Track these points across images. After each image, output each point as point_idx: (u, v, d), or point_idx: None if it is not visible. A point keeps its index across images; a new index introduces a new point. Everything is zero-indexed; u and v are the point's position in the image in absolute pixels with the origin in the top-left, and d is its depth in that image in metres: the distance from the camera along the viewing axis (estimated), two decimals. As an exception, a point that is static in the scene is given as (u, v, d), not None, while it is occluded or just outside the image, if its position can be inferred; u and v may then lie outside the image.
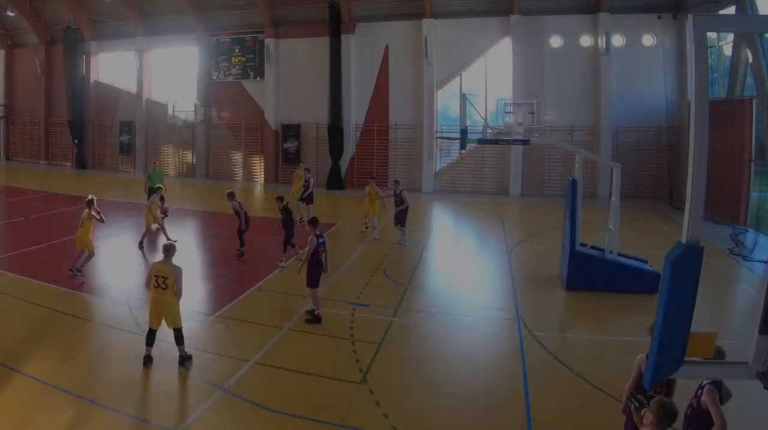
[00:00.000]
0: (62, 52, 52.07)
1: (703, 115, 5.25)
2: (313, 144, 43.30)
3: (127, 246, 24.38)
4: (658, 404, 6.76)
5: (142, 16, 47.86)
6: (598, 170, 36.18)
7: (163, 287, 12.34)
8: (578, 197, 18.33)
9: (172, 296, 12.38)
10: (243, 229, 21.86)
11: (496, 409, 11.01)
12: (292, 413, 10.67)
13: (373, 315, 16.15)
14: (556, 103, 36.94)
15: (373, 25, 41.04)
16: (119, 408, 10.58)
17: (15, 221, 29.22)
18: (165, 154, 49.37)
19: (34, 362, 12.51)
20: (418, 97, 40.02)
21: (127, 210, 28.99)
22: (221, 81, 46.10)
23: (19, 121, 57.25)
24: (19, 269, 19.72)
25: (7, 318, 15.22)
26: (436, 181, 40.40)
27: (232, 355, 13.07)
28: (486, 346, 14.67)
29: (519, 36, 37.59)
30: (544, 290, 18.74)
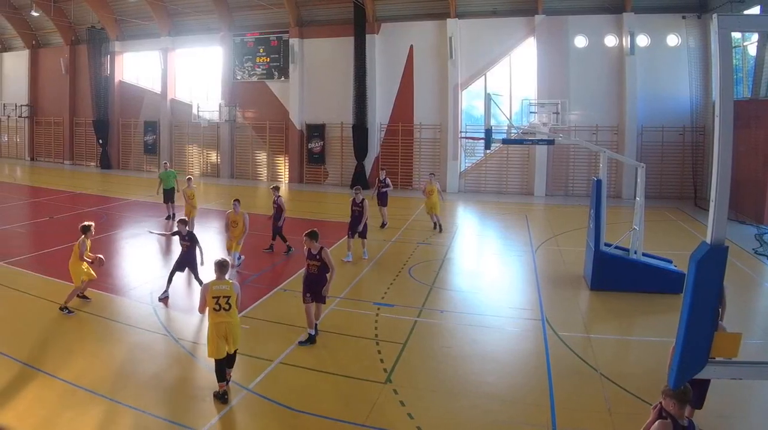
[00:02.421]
0: (87, 52, 53.38)
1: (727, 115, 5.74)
2: (338, 144, 44.01)
3: (150, 246, 24.94)
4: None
5: (167, 15, 48.89)
6: (622, 170, 36.75)
7: (226, 309, 11.21)
8: (603, 197, 18.53)
9: (236, 315, 11.40)
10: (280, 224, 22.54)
11: (521, 409, 11.04)
12: (316, 413, 10.74)
13: (397, 315, 16.24)
14: (581, 103, 37.54)
15: (397, 25, 41.72)
16: (144, 408, 10.69)
17: (40, 220, 29.75)
18: (189, 154, 50.51)
19: (59, 362, 12.58)
20: (442, 97, 40.67)
21: (150, 210, 29.48)
22: (246, 81, 46.97)
23: (43, 122, 58.52)
24: (44, 268, 20.06)
25: (32, 318, 15.44)
26: (461, 181, 41.08)
27: (257, 355, 13.01)
28: (511, 346, 14.67)
29: (544, 36, 38.11)
30: (568, 289, 18.78)
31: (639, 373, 12.47)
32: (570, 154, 38.51)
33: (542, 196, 38.57)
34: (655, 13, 36.00)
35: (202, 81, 49.57)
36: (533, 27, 38.27)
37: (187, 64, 50.38)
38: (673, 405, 7.06)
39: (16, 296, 17.11)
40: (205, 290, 11.35)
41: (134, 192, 38.16)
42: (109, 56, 52.61)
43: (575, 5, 37.83)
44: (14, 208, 33.25)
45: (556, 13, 37.89)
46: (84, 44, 53.92)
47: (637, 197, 18.55)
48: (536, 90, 38.13)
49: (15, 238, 25.74)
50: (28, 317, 15.45)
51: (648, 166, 19.62)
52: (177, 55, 50.16)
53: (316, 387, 11.83)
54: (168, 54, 49.66)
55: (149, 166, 50.84)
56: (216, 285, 11.28)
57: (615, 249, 18.70)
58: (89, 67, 52.99)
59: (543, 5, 37.82)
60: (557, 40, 37.99)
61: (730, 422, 10.60)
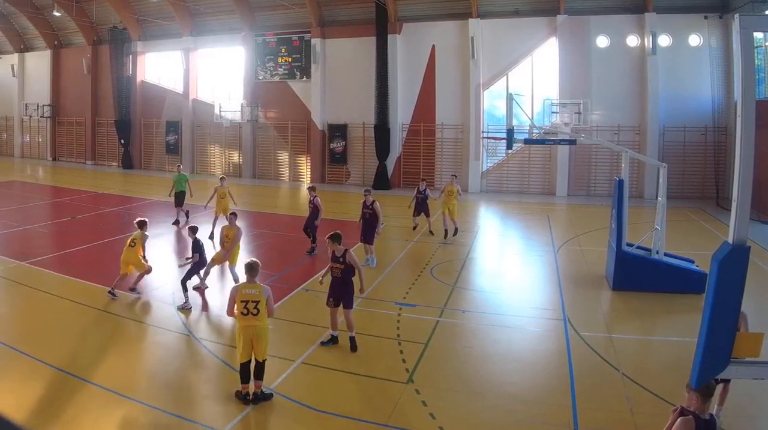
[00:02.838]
0: (109, 52, 54.30)
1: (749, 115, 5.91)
2: (360, 144, 44.60)
3: (172, 246, 25.46)
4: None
5: (189, 15, 49.76)
6: (644, 170, 37.10)
7: (254, 313, 11.04)
8: (625, 197, 18.72)
9: (265, 320, 11.18)
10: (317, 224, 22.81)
11: (543, 409, 11.12)
12: (338, 412, 10.86)
13: (419, 315, 16.39)
14: (603, 103, 38.04)
15: (419, 25, 42.25)
16: (167, 408, 10.82)
17: (62, 220, 30.25)
18: (211, 154, 51.38)
19: (82, 362, 12.70)
20: (464, 97, 41.20)
21: (172, 210, 29.71)
22: (268, 81, 47.68)
23: (65, 122, 59.62)
24: (66, 268, 20.39)
25: (55, 318, 15.61)
26: (483, 181, 41.58)
27: (279, 355, 12.94)
28: (532, 346, 14.77)
29: (565, 36, 38.59)
30: (590, 290, 18.93)
31: (661, 373, 12.67)
32: (592, 154, 38.92)
33: (564, 196, 38.97)
34: (676, 13, 36.34)
35: (224, 81, 50.29)
36: (555, 27, 38.73)
37: (208, 64, 51.16)
38: (696, 399, 7.22)
39: (38, 296, 17.44)
40: (234, 293, 11.26)
41: (156, 192, 38.71)
42: (131, 56, 53.51)
43: (597, 5, 38.24)
44: (36, 209, 33.82)
45: (578, 13, 38.29)
46: (106, 44, 54.81)
47: (659, 197, 18.70)
48: (558, 90, 38.65)
49: (37, 238, 26.28)
50: (50, 317, 15.71)
51: (670, 166, 19.93)
52: (199, 55, 50.93)
53: (338, 387, 12.01)
54: (190, 54, 50.43)
55: (171, 166, 51.29)
56: (245, 288, 11.20)
57: (637, 249, 18.83)
58: (111, 67, 53.85)
59: (565, 5, 38.26)
60: (579, 40, 38.39)
61: (755, 422, 10.78)
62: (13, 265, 20.58)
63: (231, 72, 49.64)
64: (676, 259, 18.87)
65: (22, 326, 15.09)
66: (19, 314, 16.11)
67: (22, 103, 60.69)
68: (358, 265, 13.66)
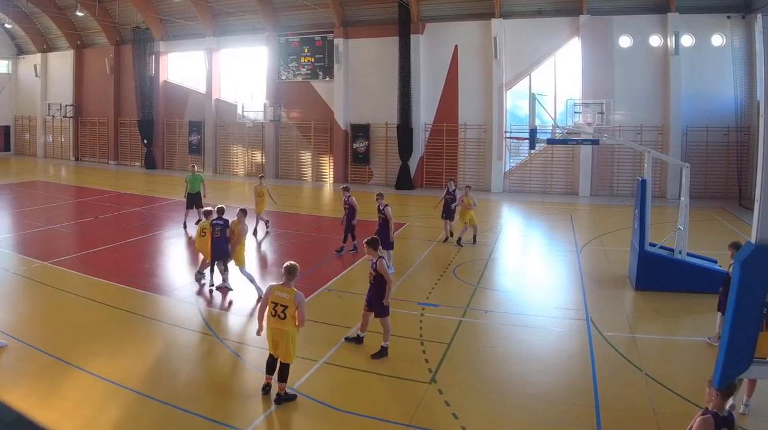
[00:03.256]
0: (131, 52, 55.26)
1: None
2: (383, 144, 45.25)
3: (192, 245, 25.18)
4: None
5: (212, 15, 50.59)
6: (667, 170, 37.48)
7: (281, 317, 11.24)
8: (648, 197, 18.93)
9: (291, 326, 11.26)
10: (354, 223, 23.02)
11: (566, 409, 11.26)
12: (361, 412, 11.02)
13: (442, 315, 16.60)
14: (626, 103, 38.51)
15: (442, 25, 42.88)
16: (189, 407, 11.03)
17: (85, 220, 30.78)
18: (234, 154, 52.23)
19: (105, 361, 12.93)
20: (487, 97, 41.74)
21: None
22: (290, 81, 48.44)
23: (88, 122, 60.71)
24: (89, 268, 20.71)
25: (77, 318, 15.87)
26: (506, 181, 42.11)
27: (302, 355, 12.83)
28: (555, 346, 14.89)
29: (588, 36, 39.03)
30: (613, 290, 19.14)
31: (684, 373, 12.90)
32: (615, 154, 39.38)
33: (587, 196, 39.41)
34: (699, 13, 36.74)
35: (246, 81, 51.03)
36: (578, 27, 39.19)
37: (231, 64, 51.90)
38: (715, 396, 7.32)
39: (61, 296, 17.81)
40: (267, 292, 11.55)
41: (179, 192, 37.59)
42: (153, 56, 54.39)
43: (620, 5, 38.71)
44: (59, 209, 34.37)
45: (601, 13, 38.74)
46: (129, 44, 55.77)
47: (682, 197, 19.04)
48: (581, 90, 39.09)
49: (60, 238, 26.72)
50: (72, 316, 16.02)
51: (693, 166, 20.30)
52: (222, 55, 51.73)
53: (361, 387, 12.20)
54: (213, 54, 51.23)
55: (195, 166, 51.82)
56: (278, 290, 11.38)
57: (660, 249, 19.06)
58: (134, 67, 54.78)
59: (587, 5, 38.73)
60: (602, 40, 38.84)
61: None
62: (37, 265, 21.00)
63: (254, 72, 50.37)
64: (699, 259, 19.06)
65: (44, 325, 15.33)
66: (42, 314, 16.36)
67: (45, 103, 61.82)
68: (387, 275, 13.49)
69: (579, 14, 38.99)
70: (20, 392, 11.37)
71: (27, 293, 18.26)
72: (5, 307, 16.37)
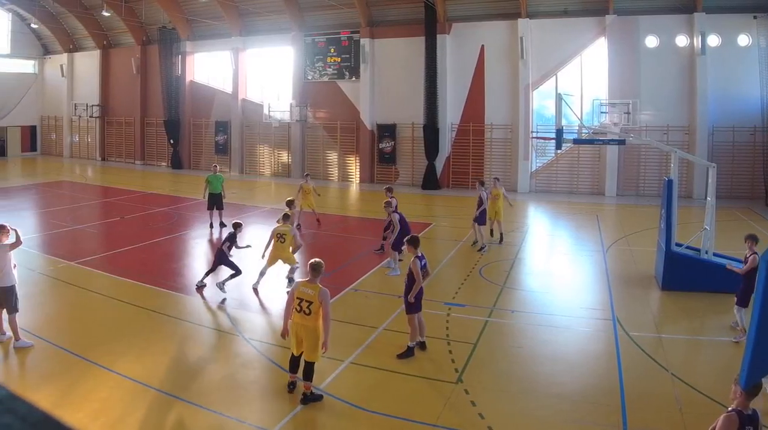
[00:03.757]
0: (158, 52, 57.29)
1: None
2: (409, 144, 46.65)
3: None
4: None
5: (238, 15, 52.47)
6: (693, 170, 38.51)
7: (306, 313, 11.59)
8: (674, 197, 19.42)
9: (316, 322, 11.60)
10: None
11: (592, 409, 11.50)
12: (387, 412, 11.27)
13: (468, 315, 16.89)
14: (652, 103, 39.61)
15: (468, 25, 44.21)
16: (214, 407, 11.34)
17: (111, 220, 31.64)
18: (260, 154, 54.08)
19: (130, 361, 13.25)
20: (513, 97, 43.03)
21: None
22: (317, 81, 50.06)
23: (114, 122, 62.91)
24: (115, 268, 21.23)
25: (103, 318, 16.31)
26: (532, 181, 43.34)
27: (328, 355, 12.89)
28: (581, 346, 15.18)
29: (615, 36, 40.23)
30: (639, 290, 19.46)
31: (710, 373, 13.32)
32: (641, 154, 40.46)
33: (613, 196, 40.32)
34: (725, 13, 37.64)
35: (273, 81, 52.78)
36: (604, 27, 40.36)
37: (258, 64, 53.67)
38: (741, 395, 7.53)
39: (87, 296, 18.31)
40: (293, 288, 12.08)
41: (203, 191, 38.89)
42: (180, 56, 56.32)
43: (646, 5, 39.79)
44: (86, 209, 35.53)
45: (627, 12, 39.85)
46: (155, 44, 57.90)
47: (708, 197, 19.43)
48: (607, 90, 40.18)
49: (86, 238, 27.60)
50: (98, 316, 16.49)
51: (719, 166, 21.07)
52: (248, 55, 53.55)
53: (387, 387, 12.46)
54: (239, 54, 53.05)
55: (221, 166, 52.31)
56: (303, 286, 11.81)
57: (686, 249, 19.53)
58: (160, 67, 56.78)
59: (614, 5, 39.84)
60: (628, 40, 39.95)
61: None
62: (63, 265, 21.59)
63: (280, 72, 52.00)
64: (725, 259, 18.95)
65: (71, 325, 15.81)
66: (68, 314, 16.86)
67: (71, 103, 64.06)
68: (417, 276, 13.81)
69: (605, 14, 40.07)
70: (46, 391, 11.79)
71: (53, 293, 18.81)
72: (32, 307, 16.62)
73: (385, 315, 16.48)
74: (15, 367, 13.42)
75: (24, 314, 14.72)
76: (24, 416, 1.29)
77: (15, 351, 13.75)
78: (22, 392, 2.75)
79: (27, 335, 14.30)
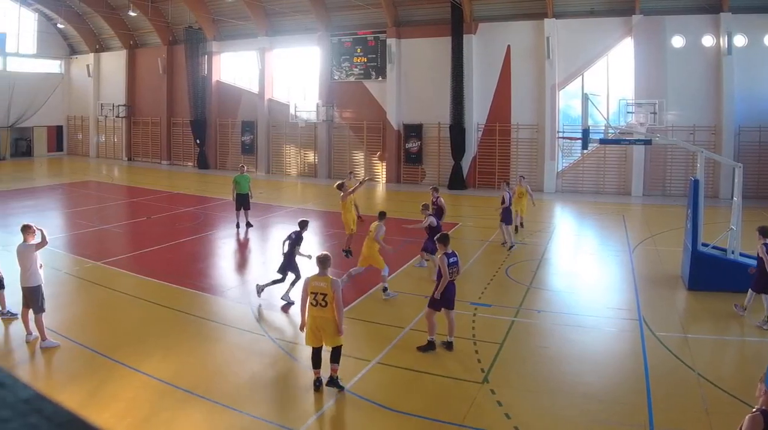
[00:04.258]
0: (184, 51, 59.11)
1: None
2: (435, 144, 48.15)
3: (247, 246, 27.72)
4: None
5: (264, 15, 54.25)
6: (720, 170, 39.50)
7: (322, 305, 12.19)
8: (700, 197, 19.79)
9: (333, 313, 12.23)
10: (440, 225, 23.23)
11: (618, 409, 11.71)
12: (413, 412, 11.49)
13: (494, 315, 17.27)
14: (678, 103, 40.69)
15: (494, 25, 45.58)
16: (241, 408, 11.57)
17: (138, 220, 32.73)
18: (287, 154, 55.99)
19: (157, 361, 13.60)
20: (539, 97, 44.38)
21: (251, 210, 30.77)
22: (343, 81, 51.75)
23: (141, 122, 65.02)
24: (142, 268, 21.81)
25: (129, 318, 16.74)
26: (558, 181, 44.67)
27: (355, 355, 13.72)
28: (608, 346, 15.54)
29: (641, 36, 41.43)
30: (665, 290, 19.95)
31: (736, 373, 13.68)
32: (667, 154, 41.57)
33: (639, 196, 41.35)
34: (752, 12, 38.61)
35: (299, 81, 54.54)
36: (630, 27, 41.56)
37: (284, 64, 55.45)
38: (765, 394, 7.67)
39: (113, 296, 18.80)
40: (305, 284, 12.60)
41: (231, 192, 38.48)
42: (206, 56, 58.15)
43: (672, 5, 40.92)
44: (112, 209, 36.79)
45: (654, 12, 40.99)
46: (181, 44, 59.83)
47: (735, 197, 19.96)
48: (633, 90, 41.26)
49: (113, 238, 28.56)
50: (125, 316, 16.96)
51: (745, 166, 21.87)
52: (274, 55, 55.42)
53: (414, 387, 12.70)
54: (265, 54, 54.87)
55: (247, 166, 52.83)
56: (315, 280, 12.40)
57: (712, 249, 19.93)
58: (186, 67, 58.68)
59: (640, 5, 40.97)
60: (654, 40, 41.09)
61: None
62: (89, 265, 22.17)
63: (306, 72, 53.73)
64: (751, 259, 18.96)
65: (97, 325, 16.22)
66: (95, 314, 17.31)
67: (98, 103, 66.40)
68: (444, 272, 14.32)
69: (632, 14, 41.24)
70: (73, 391, 12.06)
71: (80, 293, 19.33)
72: (58, 307, 16.93)
73: (411, 315, 16.95)
74: (41, 367, 13.86)
75: (50, 314, 15.21)
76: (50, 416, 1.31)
77: (41, 351, 14.17)
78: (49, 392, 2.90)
79: (53, 335, 14.71)
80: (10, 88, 62.46)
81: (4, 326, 15.73)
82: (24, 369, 13.38)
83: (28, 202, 36.86)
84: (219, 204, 37.27)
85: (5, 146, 64.43)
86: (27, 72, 65.52)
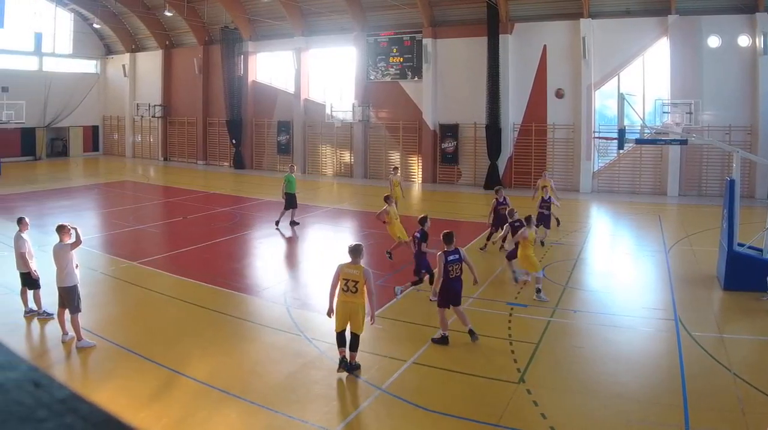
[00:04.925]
0: (220, 51, 61.63)
1: None
2: (471, 144, 50.07)
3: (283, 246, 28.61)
4: None
5: (300, 15, 56.60)
6: (756, 170, 40.67)
7: (353, 291, 13.25)
8: (736, 197, 20.23)
9: (362, 299, 13.33)
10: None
11: (654, 409, 11.96)
12: (449, 412, 11.78)
13: (531, 315, 17.71)
14: (714, 103, 42.13)
15: (530, 25, 47.46)
16: (277, 408, 11.86)
17: (174, 220, 34.11)
18: (322, 154, 58.38)
19: (193, 362, 14.01)
20: (575, 97, 46.09)
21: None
22: (379, 81, 53.94)
23: (176, 122, 67.80)
24: (177, 268, 22.61)
25: (166, 318, 17.32)
26: (594, 181, 46.24)
27: (390, 355, 14.25)
28: (644, 346, 15.95)
29: (677, 36, 42.95)
30: (701, 290, 20.38)
31: None
32: (703, 154, 43.02)
33: (675, 196, 42.53)
34: (788, 12, 40.82)
35: (335, 81, 56.83)
36: (666, 27, 43.11)
37: (320, 64, 57.82)
38: None
39: (149, 296, 19.50)
40: (337, 271, 13.63)
41: (268, 192, 42.01)
42: (242, 56, 60.74)
43: (708, 5, 42.41)
44: (148, 208, 38.25)
45: (689, 13, 42.37)
46: (217, 44, 62.39)
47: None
48: (669, 90, 42.71)
49: (149, 238, 29.67)
50: (161, 317, 17.58)
51: None
52: (310, 55, 57.77)
53: (449, 387, 13.10)
54: (301, 54, 57.24)
55: (283, 166, 54.81)
56: (348, 268, 13.58)
57: (748, 249, 20.33)
58: (222, 67, 61.16)
59: (676, 5, 42.48)
60: (690, 40, 42.54)
61: None
62: (125, 265, 23.05)
63: (342, 72, 56.02)
64: None
65: (133, 326, 16.76)
66: (130, 314, 17.94)
67: (134, 103, 69.38)
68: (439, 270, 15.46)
69: (667, 14, 42.68)
70: (109, 392, 12.41)
71: (115, 293, 20.12)
72: (94, 307, 17.41)
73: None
74: (77, 367, 14.39)
75: (86, 314, 15.70)
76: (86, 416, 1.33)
77: (77, 351, 14.63)
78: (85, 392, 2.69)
79: (89, 335, 15.21)
80: (46, 88, 65.07)
81: (41, 326, 16.45)
82: (60, 369, 13.92)
83: (64, 203, 38.38)
84: (255, 204, 38.78)
85: (41, 146, 67.19)
86: (63, 72, 68.21)
